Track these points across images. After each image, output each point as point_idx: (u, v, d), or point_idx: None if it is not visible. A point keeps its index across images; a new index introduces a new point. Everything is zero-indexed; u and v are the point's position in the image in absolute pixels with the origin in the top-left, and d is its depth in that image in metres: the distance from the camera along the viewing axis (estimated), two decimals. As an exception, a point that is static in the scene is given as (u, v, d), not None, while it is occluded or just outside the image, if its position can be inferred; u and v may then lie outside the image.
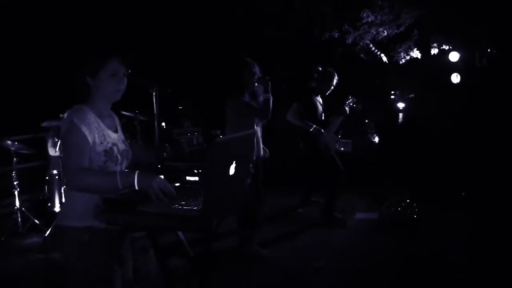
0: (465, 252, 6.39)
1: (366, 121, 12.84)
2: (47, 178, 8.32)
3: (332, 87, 7.97)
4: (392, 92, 13.10)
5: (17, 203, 8.00)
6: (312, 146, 7.81)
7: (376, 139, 12.77)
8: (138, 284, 3.55)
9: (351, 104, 8.06)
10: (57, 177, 8.15)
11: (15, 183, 8.02)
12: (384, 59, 10.93)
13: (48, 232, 7.47)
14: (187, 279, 3.76)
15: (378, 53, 11.00)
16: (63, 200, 3.38)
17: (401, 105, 12.91)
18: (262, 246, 6.62)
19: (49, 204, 8.26)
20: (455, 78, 11.06)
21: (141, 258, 5.02)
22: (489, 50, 11.01)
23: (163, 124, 10.06)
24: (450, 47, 11.00)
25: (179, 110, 10.88)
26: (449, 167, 9.74)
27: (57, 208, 8.14)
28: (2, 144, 7.97)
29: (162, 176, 3.04)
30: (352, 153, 10.27)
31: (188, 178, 3.51)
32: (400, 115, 12.81)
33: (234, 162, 3.04)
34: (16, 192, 8.01)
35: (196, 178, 3.67)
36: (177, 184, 3.26)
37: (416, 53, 10.97)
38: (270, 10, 10.74)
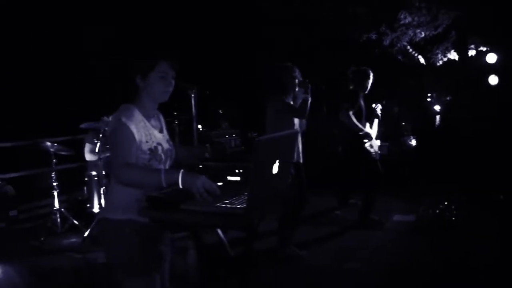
0: (503, 255, 6.32)
1: (403, 123, 12.78)
2: (86, 179, 8.41)
3: (369, 86, 7.92)
4: (429, 94, 13.02)
5: (56, 204, 8.11)
6: (356, 149, 7.79)
7: (413, 142, 12.70)
8: (175, 281, 3.57)
9: (380, 108, 8.05)
10: (96, 178, 8.23)
11: (54, 184, 8.13)
12: (422, 60, 10.86)
13: (87, 233, 7.57)
14: (227, 278, 3.80)
15: (416, 54, 10.93)
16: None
17: (437, 107, 12.83)
18: (299, 246, 6.64)
19: (88, 205, 8.36)
20: (493, 79, 10.96)
21: (180, 258, 5.07)
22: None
23: (199, 126, 10.14)
24: (488, 49, 10.89)
25: (217, 113, 10.99)
26: (487, 169, 9.65)
27: (95, 209, 8.22)
28: (41, 146, 8.09)
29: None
30: (388, 155, 10.24)
31: (229, 178, 3.53)
32: (437, 117, 12.74)
33: (277, 160, 3.05)
34: (55, 193, 8.11)
35: (238, 178, 3.68)
36: (220, 184, 3.27)
37: (453, 55, 10.88)
38: (304, 11, 10.76)
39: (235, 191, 3.19)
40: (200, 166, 3.80)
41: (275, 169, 3.04)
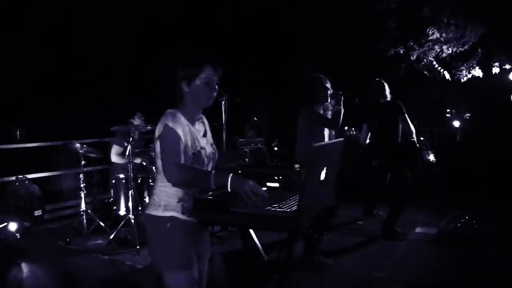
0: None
1: (422, 138, 12.81)
2: (113, 181, 8.49)
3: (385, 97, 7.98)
4: (448, 110, 13.06)
5: (83, 205, 8.18)
6: (391, 162, 7.84)
7: (431, 157, 12.71)
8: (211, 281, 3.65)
9: None
10: (123, 181, 8.32)
11: (82, 185, 8.20)
12: (447, 76, 10.90)
13: (113, 235, 7.64)
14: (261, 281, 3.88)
15: (441, 70, 10.97)
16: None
17: (456, 123, 12.87)
18: (325, 255, 6.69)
19: (114, 208, 8.47)
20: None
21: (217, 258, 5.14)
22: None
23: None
24: (512, 67, 10.93)
25: (250, 121, 11.10)
26: (509, 184, 9.69)
27: (122, 212, 8.31)
28: (71, 147, 8.18)
29: None
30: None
31: (268, 184, 3.61)
32: (458, 132, 12.79)
33: (325, 168, 3.13)
34: (82, 194, 8.18)
35: (276, 185, 3.77)
36: (265, 188, 3.35)
37: (477, 72, 10.91)
38: (337, 24, 10.85)
39: (281, 196, 3.28)
40: (240, 171, 3.87)
41: (323, 175, 3.12)
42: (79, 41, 13.22)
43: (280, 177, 3.78)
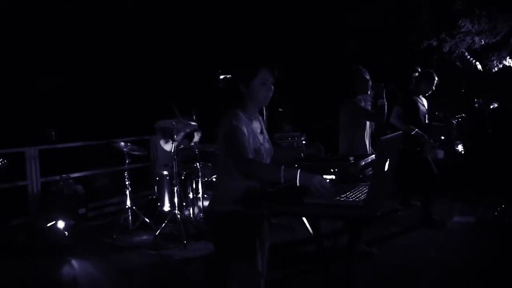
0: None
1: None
2: (157, 178, 8.68)
3: (433, 88, 8.07)
4: (475, 100, 13.10)
5: (128, 202, 8.37)
6: (410, 148, 7.90)
7: (460, 148, 12.78)
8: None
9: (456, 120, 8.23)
10: (167, 177, 8.51)
11: (127, 182, 8.39)
12: (479, 67, 10.96)
13: (158, 231, 7.83)
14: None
15: (473, 61, 11.03)
16: (216, 189, 3.74)
17: (485, 112, 12.90)
18: (368, 245, 6.80)
19: (158, 204, 8.66)
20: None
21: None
22: None
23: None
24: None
25: (279, 114, 11.18)
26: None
27: (166, 208, 8.51)
28: (115, 145, 8.37)
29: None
30: (444, 159, 10.40)
31: (324, 176, 3.76)
32: (486, 121, 12.82)
33: (388, 159, 3.29)
34: (127, 192, 8.37)
35: (332, 177, 3.92)
36: (328, 180, 3.51)
37: (508, 62, 10.94)
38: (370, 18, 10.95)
39: (343, 187, 3.45)
40: (296, 165, 4.02)
41: (386, 166, 3.28)
42: (122, 40, 13.43)
43: (336, 170, 3.92)
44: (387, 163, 3.27)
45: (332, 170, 3.90)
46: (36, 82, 12.79)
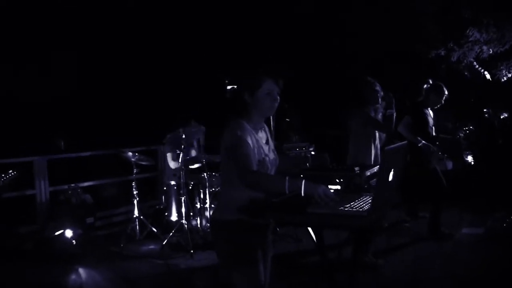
0: None
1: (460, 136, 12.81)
2: (164, 188, 8.69)
3: (442, 102, 8.06)
4: (485, 110, 13.06)
5: (136, 211, 8.39)
6: (417, 159, 7.89)
7: (469, 158, 12.74)
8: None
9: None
10: (175, 187, 8.53)
11: (134, 192, 8.41)
12: (488, 76, 10.96)
13: (166, 241, 7.83)
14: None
15: (482, 70, 11.03)
16: (220, 198, 3.77)
17: (494, 123, 12.86)
18: (375, 256, 6.77)
19: (166, 214, 8.69)
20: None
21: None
22: None
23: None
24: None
25: (286, 124, 11.20)
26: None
27: (173, 217, 8.52)
28: (123, 155, 8.40)
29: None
30: (452, 171, 10.38)
31: (330, 187, 3.76)
32: (496, 132, 12.78)
33: (393, 169, 3.29)
34: (135, 201, 8.39)
35: (338, 187, 3.92)
36: (333, 190, 3.51)
37: (518, 71, 10.93)
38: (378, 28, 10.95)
39: (348, 197, 3.45)
40: (301, 175, 4.02)
41: (391, 176, 3.28)
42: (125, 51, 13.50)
43: (341, 180, 3.92)
44: (392, 173, 3.27)
45: (337, 180, 3.90)
46: (45, 92, 12.84)
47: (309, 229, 4.01)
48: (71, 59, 13.24)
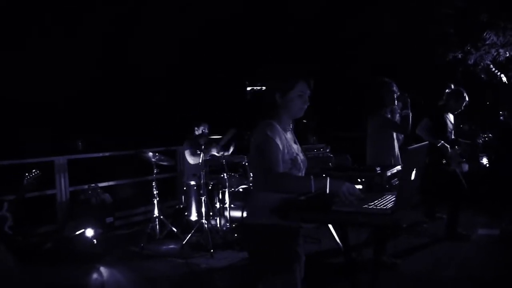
0: None
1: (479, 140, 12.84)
2: (184, 188, 8.79)
3: (462, 107, 8.11)
4: (500, 112, 13.08)
5: (156, 211, 8.49)
6: (436, 161, 7.92)
7: (484, 161, 12.78)
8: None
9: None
10: (194, 187, 8.62)
11: (155, 192, 8.51)
12: (504, 79, 10.99)
13: (186, 240, 7.93)
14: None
15: (498, 73, 11.06)
16: (250, 202, 3.81)
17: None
18: (393, 256, 6.83)
19: (185, 213, 8.78)
20: None
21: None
22: None
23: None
24: None
25: (303, 126, 11.25)
26: None
27: (193, 217, 8.62)
28: (143, 156, 8.50)
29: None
30: (468, 173, 10.41)
31: (353, 185, 3.84)
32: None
33: (415, 169, 3.38)
34: (155, 201, 8.49)
35: (360, 187, 4.00)
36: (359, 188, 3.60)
37: (533, 74, 10.94)
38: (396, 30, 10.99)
39: (372, 196, 3.54)
40: (324, 175, 4.10)
41: (413, 175, 3.37)
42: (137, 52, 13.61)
43: (363, 180, 4.00)
44: (414, 172, 3.36)
45: (359, 180, 3.97)
46: (64, 93, 12.97)
47: (332, 229, 4.09)
48: (88, 59, 13.34)
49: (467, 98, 8.00)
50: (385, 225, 3.15)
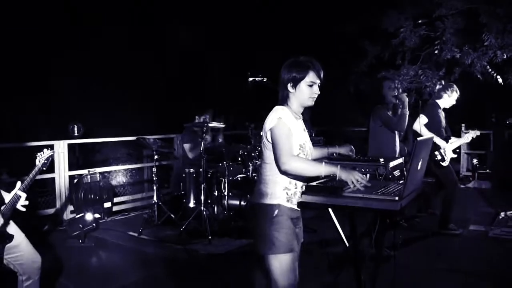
0: None
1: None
2: (183, 175, 8.90)
3: (454, 102, 8.28)
4: (493, 114, 13.24)
5: (155, 198, 8.59)
6: (431, 156, 8.04)
7: (474, 160, 13.07)
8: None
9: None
10: (193, 175, 8.71)
11: (154, 178, 8.63)
12: (500, 80, 11.09)
13: (184, 227, 8.02)
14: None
15: (495, 74, 11.15)
16: (259, 183, 3.95)
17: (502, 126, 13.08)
18: (388, 248, 6.96)
19: (184, 200, 8.85)
20: None
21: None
22: None
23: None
24: None
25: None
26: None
27: (191, 204, 8.69)
28: (144, 142, 8.61)
29: None
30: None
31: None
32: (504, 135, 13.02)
33: (421, 159, 3.55)
34: (155, 187, 8.59)
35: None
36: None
37: (530, 77, 11.02)
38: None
39: (379, 184, 3.70)
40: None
41: (419, 166, 3.53)
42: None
43: (367, 170, 4.15)
44: (420, 162, 3.52)
45: (362, 170, 4.12)
46: (63, 79, 13.01)
47: (333, 217, 4.23)
48: (90, 46, 13.40)
49: (458, 93, 8.19)
50: (392, 212, 3.27)
